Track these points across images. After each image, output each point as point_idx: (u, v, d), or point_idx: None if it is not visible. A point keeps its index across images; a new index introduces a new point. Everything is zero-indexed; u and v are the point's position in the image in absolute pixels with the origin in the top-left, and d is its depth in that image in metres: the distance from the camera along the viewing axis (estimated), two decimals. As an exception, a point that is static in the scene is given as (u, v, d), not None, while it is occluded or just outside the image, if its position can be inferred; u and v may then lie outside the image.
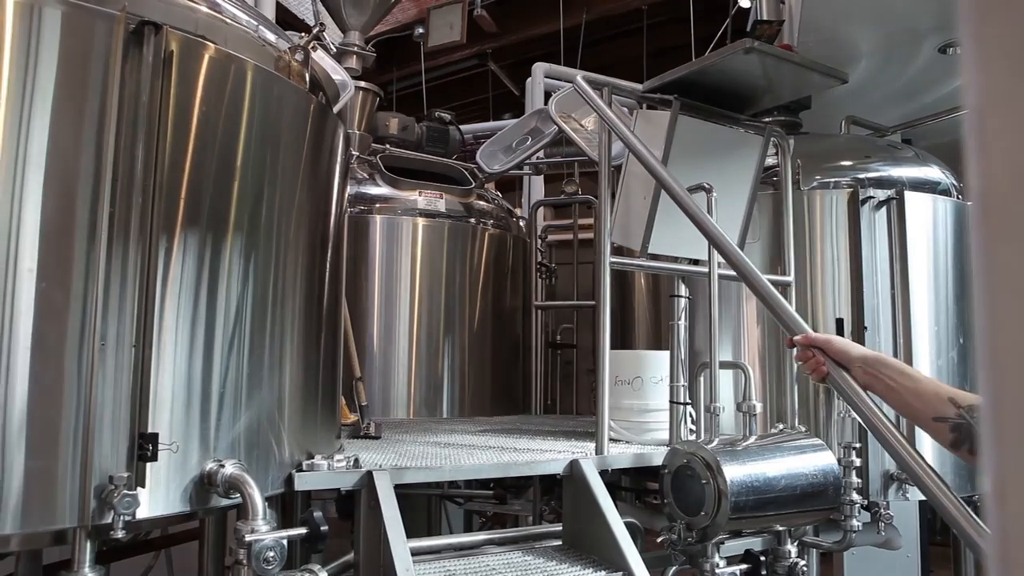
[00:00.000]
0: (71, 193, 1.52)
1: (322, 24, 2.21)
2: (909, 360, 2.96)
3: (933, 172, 3.30)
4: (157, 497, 1.61)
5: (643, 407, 2.72)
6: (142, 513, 1.55)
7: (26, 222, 1.47)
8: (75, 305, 1.51)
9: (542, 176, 5.59)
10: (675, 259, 2.70)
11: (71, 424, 1.49)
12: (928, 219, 3.08)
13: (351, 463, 2.01)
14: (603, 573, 2.02)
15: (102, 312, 1.52)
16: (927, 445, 2.97)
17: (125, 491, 1.49)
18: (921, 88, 3.73)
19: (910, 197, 3.03)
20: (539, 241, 4.87)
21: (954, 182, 3.34)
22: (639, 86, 2.73)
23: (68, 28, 1.53)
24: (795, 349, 1.82)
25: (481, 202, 4.26)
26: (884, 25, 3.23)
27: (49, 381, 1.48)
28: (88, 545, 1.51)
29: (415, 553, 1.88)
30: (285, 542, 1.63)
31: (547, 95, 5.03)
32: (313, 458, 1.98)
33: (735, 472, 2.09)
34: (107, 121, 1.55)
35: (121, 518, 1.49)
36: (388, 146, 4.18)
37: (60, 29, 1.52)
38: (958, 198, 3.28)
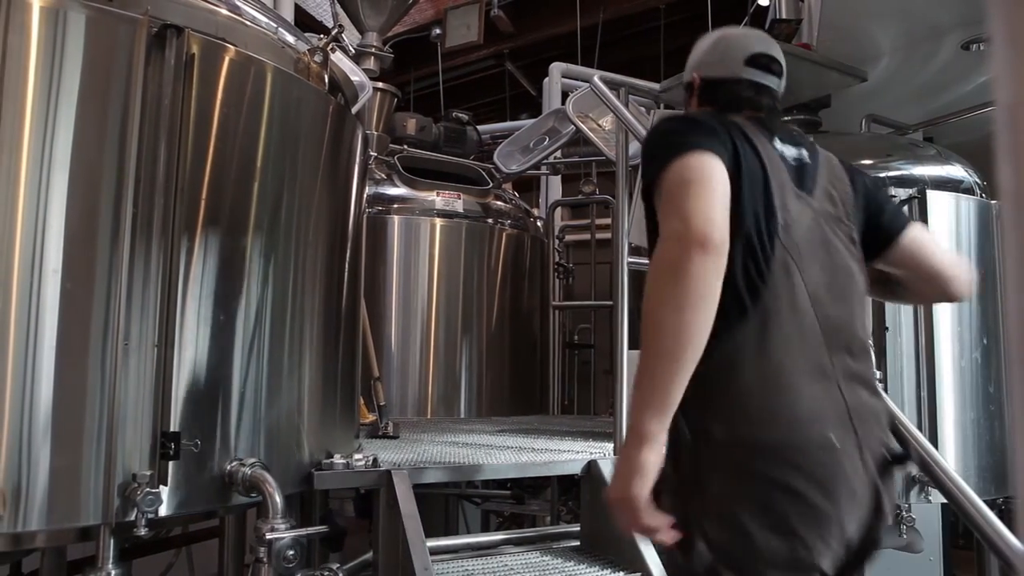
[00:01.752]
0: (95, 195, 1.54)
1: (340, 26, 2.22)
2: (931, 360, 2.92)
3: (956, 170, 3.26)
4: (179, 495, 1.63)
5: (661, 407, 2.70)
6: (164, 511, 1.57)
7: (51, 224, 1.49)
8: (99, 305, 1.53)
9: (559, 176, 5.59)
10: (693, 259, 2.68)
11: (95, 423, 1.51)
12: (951, 218, 3.04)
13: (370, 462, 2.02)
14: (621, 574, 2.01)
15: (125, 312, 1.54)
16: (949, 448, 2.94)
17: (148, 489, 1.51)
18: (943, 85, 3.68)
19: (932, 196, 2.99)
20: (556, 241, 4.87)
21: (977, 180, 3.30)
22: (656, 85, 2.73)
23: (92, 32, 1.55)
24: None
25: (499, 202, 4.27)
26: (905, 22, 3.19)
27: (74, 380, 1.50)
28: (112, 542, 1.53)
29: (433, 552, 1.89)
30: (305, 541, 1.64)
31: (564, 95, 5.03)
32: (332, 457, 2.00)
33: (754, 473, 2.07)
34: (130, 123, 1.56)
35: (144, 516, 1.50)
36: (406, 147, 4.19)
37: (84, 33, 1.54)
38: (981, 197, 3.23)
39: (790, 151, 1.47)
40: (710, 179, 1.25)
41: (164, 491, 1.56)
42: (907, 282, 1.62)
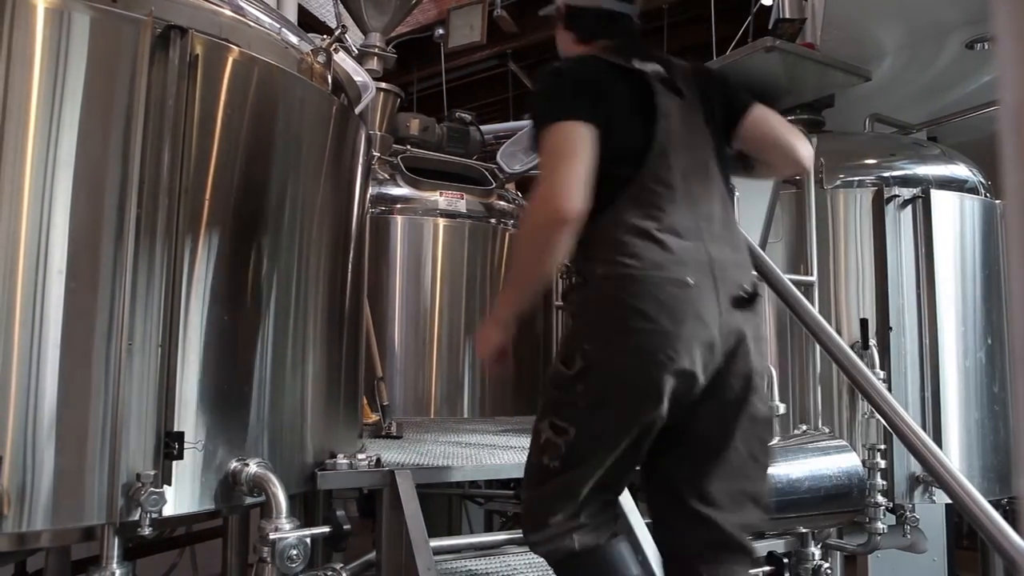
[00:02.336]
0: (99, 195, 1.54)
1: (343, 26, 2.23)
2: (935, 360, 2.92)
3: (960, 170, 3.25)
4: (183, 495, 1.63)
5: (664, 408, 2.70)
6: (168, 510, 1.57)
7: (55, 224, 1.50)
8: (103, 306, 1.53)
9: (562, 176, 5.57)
10: (697, 259, 2.68)
11: (99, 423, 1.51)
12: (955, 218, 3.03)
13: (373, 462, 2.02)
14: (625, 574, 2.00)
15: (129, 313, 1.54)
16: (953, 448, 2.93)
17: (152, 489, 1.51)
18: (947, 85, 3.67)
19: (936, 196, 2.99)
20: (559, 241, 4.85)
21: (982, 180, 3.29)
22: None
23: (96, 33, 1.56)
24: None
25: (501, 202, 4.26)
26: (909, 21, 3.19)
27: (78, 381, 1.50)
28: (116, 542, 1.53)
29: (436, 552, 1.89)
30: (308, 540, 1.64)
31: (567, 95, 5.00)
32: (336, 457, 2.00)
33: (758, 473, 2.06)
34: (134, 124, 1.57)
35: (148, 515, 1.50)
36: (409, 147, 4.18)
37: (89, 34, 1.54)
38: (986, 196, 3.23)
39: (650, 67, 1.71)
40: (575, 151, 1.55)
41: (168, 491, 1.57)
42: (758, 155, 1.89)
